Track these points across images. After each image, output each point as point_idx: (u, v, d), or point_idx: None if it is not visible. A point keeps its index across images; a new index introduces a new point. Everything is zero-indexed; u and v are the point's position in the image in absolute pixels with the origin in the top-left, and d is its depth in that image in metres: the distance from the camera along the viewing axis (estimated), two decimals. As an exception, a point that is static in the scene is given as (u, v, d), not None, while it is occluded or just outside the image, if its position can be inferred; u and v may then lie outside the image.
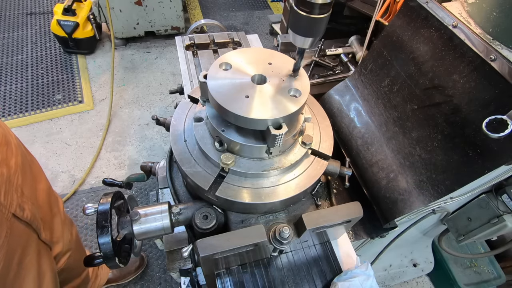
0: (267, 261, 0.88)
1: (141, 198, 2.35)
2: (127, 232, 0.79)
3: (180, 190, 1.02)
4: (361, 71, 1.28)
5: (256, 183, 0.80)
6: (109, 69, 2.97)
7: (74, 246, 1.27)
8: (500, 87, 0.81)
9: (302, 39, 0.67)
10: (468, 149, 0.87)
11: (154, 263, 2.07)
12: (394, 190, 1.05)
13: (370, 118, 1.21)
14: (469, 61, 0.89)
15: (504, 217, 1.07)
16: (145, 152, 2.62)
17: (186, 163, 0.83)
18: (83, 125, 2.75)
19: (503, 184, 1.04)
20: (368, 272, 0.85)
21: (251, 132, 0.78)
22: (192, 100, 0.96)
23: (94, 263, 0.77)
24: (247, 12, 4.21)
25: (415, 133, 1.03)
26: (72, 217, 2.22)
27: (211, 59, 1.46)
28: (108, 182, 1.21)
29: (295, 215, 0.85)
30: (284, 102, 0.74)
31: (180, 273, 1.06)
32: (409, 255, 1.81)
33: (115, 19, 3.16)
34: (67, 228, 1.22)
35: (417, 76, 1.04)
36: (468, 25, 0.90)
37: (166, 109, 2.97)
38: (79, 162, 2.50)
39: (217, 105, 0.73)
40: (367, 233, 1.14)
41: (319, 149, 0.89)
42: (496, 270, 1.96)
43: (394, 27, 1.14)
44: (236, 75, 0.78)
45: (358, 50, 1.67)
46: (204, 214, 0.82)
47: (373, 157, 1.14)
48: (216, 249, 0.68)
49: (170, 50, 3.53)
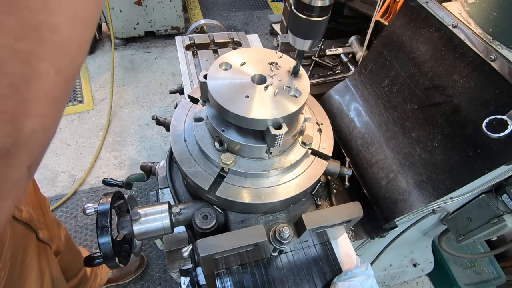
0: (267, 261, 0.88)
1: (141, 198, 2.35)
2: (127, 232, 0.79)
3: (180, 190, 1.02)
4: (361, 71, 1.28)
5: (256, 183, 0.80)
6: (109, 69, 2.97)
7: (64, 248, 1.27)
8: (500, 87, 0.81)
9: (301, 42, 0.67)
10: (468, 149, 0.87)
11: (154, 263, 2.07)
12: (394, 190, 1.05)
13: (370, 118, 1.21)
14: (469, 61, 0.89)
15: (504, 217, 1.07)
16: (145, 152, 2.62)
17: (186, 163, 0.83)
18: (83, 125, 2.75)
19: (503, 184, 1.04)
20: (368, 272, 0.85)
21: (251, 132, 0.78)
22: (192, 100, 0.96)
23: (94, 263, 0.78)
24: (247, 12, 4.21)
25: (415, 133, 1.03)
26: (72, 217, 2.22)
27: (211, 59, 1.46)
28: (108, 182, 1.21)
29: (295, 215, 0.85)
30: (284, 102, 0.74)
31: (180, 273, 1.06)
32: (409, 255, 1.81)
33: (115, 19, 3.16)
34: (57, 228, 1.22)
35: (417, 76, 1.04)
36: (468, 25, 0.90)
37: (166, 109, 2.97)
38: (79, 162, 2.50)
39: (217, 105, 0.73)
40: (367, 233, 1.14)
41: (319, 149, 0.89)
42: (496, 270, 1.96)
43: (394, 27, 1.14)
44: (236, 75, 0.78)
45: (358, 50, 1.67)
46: (204, 214, 0.82)
47: (373, 157, 1.14)
48: (216, 249, 0.68)
49: (170, 50, 3.53)
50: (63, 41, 0.24)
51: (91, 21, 0.27)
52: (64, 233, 1.32)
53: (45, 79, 0.24)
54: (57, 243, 1.19)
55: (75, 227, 2.18)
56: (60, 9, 0.23)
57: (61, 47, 0.25)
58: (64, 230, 1.34)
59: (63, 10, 0.23)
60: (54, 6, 0.23)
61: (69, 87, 0.29)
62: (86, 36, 0.27)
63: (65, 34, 0.24)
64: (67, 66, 0.26)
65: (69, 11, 0.24)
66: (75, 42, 0.26)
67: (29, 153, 0.27)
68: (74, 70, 0.28)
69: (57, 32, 0.24)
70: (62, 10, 0.23)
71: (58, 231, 1.24)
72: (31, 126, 0.25)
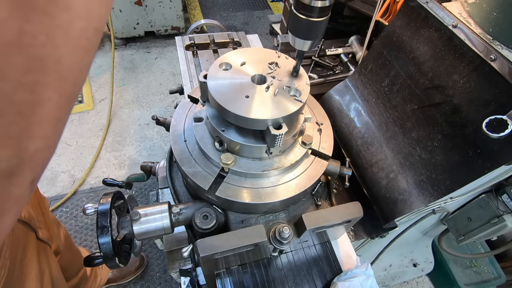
0: (267, 261, 0.88)
1: (141, 198, 2.35)
2: (127, 232, 0.79)
3: (180, 190, 1.02)
4: (361, 71, 1.28)
5: (256, 183, 0.80)
6: (109, 69, 2.97)
7: (63, 248, 1.27)
8: (500, 87, 0.81)
9: (301, 42, 0.67)
10: (468, 149, 0.87)
11: (154, 263, 2.07)
12: (394, 190, 1.05)
13: (370, 118, 1.21)
14: (469, 61, 0.89)
15: (504, 217, 1.07)
16: (145, 152, 2.62)
17: (186, 163, 0.83)
18: (83, 125, 2.75)
19: (503, 184, 1.04)
20: (368, 272, 0.85)
21: (251, 132, 0.78)
22: (192, 100, 0.96)
23: (94, 263, 0.78)
24: (247, 12, 4.21)
25: (415, 133, 1.03)
26: (72, 217, 2.22)
27: (211, 59, 1.46)
28: (108, 182, 1.21)
29: (295, 215, 0.85)
30: (284, 102, 0.74)
31: (180, 273, 1.06)
32: (409, 255, 1.81)
33: (115, 19, 3.16)
34: (56, 228, 1.22)
35: (417, 76, 1.04)
36: (468, 25, 0.90)
37: (166, 109, 2.97)
38: (79, 162, 2.50)
39: (217, 105, 0.73)
40: (367, 233, 1.14)
41: (319, 149, 0.89)
42: (496, 270, 1.96)
43: (394, 27, 1.14)
44: (236, 75, 0.78)
45: (358, 50, 1.67)
46: (204, 214, 0.82)
47: (373, 157, 1.14)
48: (216, 249, 0.68)
49: (170, 50, 3.53)
50: (66, 70, 0.26)
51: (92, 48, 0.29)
52: (63, 232, 1.32)
53: (49, 103, 0.26)
54: (57, 242, 1.19)
55: (75, 227, 2.18)
56: (64, 43, 0.25)
57: (64, 74, 0.26)
58: (63, 229, 1.34)
59: (67, 43, 0.25)
60: (59, 40, 0.24)
61: (70, 107, 0.30)
62: (87, 61, 0.29)
63: (68, 63, 0.26)
64: (69, 90, 0.28)
65: (73, 43, 0.26)
66: (77, 69, 0.28)
67: (32, 170, 0.28)
68: (76, 92, 0.30)
69: (60, 63, 0.25)
70: (66, 43, 0.25)
71: (57, 231, 1.24)
72: (34, 146, 0.27)
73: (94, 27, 0.27)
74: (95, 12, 0.27)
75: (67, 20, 0.24)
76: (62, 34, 0.24)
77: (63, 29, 0.24)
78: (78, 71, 0.28)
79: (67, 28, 0.25)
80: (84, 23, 0.26)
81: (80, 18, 0.25)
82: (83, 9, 0.25)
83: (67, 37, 0.25)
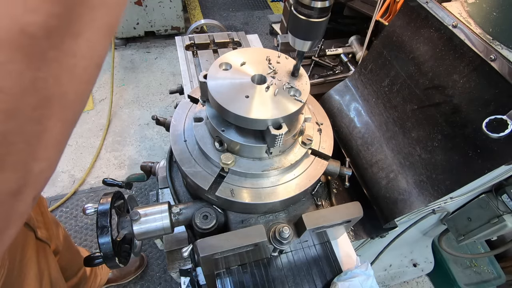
0: (267, 261, 0.88)
1: (141, 198, 2.35)
2: (127, 232, 0.79)
3: (180, 190, 1.02)
4: (361, 71, 1.28)
5: (256, 183, 0.80)
6: (109, 69, 2.97)
7: (63, 247, 1.27)
8: (500, 87, 0.81)
9: (301, 42, 0.67)
10: (468, 149, 0.87)
11: (154, 263, 2.07)
12: (394, 190, 1.05)
13: (370, 118, 1.21)
14: (469, 61, 0.89)
15: (504, 217, 1.07)
16: (145, 152, 2.62)
17: (186, 163, 0.83)
18: (83, 125, 2.75)
19: (503, 184, 1.04)
20: (368, 272, 0.85)
21: (251, 132, 0.78)
22: (192, 100, 0.96)
23: (94, 263, 0.77)
24: (247, 12, 4.21)
25: (415, 133, 1.03)
26: (72, 217, 2.22)
27: (211, 59, 1.46)
28: (108, 182, 1.21)
29: (295, 215, 0.85)
30: (284, 102, 0.74)
31: (180, 273, 1.06)
32: (409, 255, 1.81)
33: (115, 19, 3.16)
34: (55, 228, 1.22)
35: (417, 76, 1.04)
36: (468, 25, 0.90)
37: (166, 109, 2.97)
38: (79, 162, 2.50)
39: (217, 105, 0.73)
40: (367, 233, 1.14)
41: (319, 149, 0.89)
42: (496, 270, 1.96)
43: (394, 27, 1.14)
44: (236, 75, 0.78)
45: (358, 50, 1.67)
46: (204, 214, 0.82)
47: (373, 157, 1.14)
48: (216, 249, 0.68)
49: (170, 50, 3.53)
50: (69, 101, 0.29)
51: (93, 80, 0.32)
52: (62, 232, 1.32)
53: (53, 130, 0.29)
54: (56, 242, 1.19)
55: (75, 227, 2.18)
56: (69, 81, 0.28)
57: (67, 105, 0.29)
58: (62, 229, 1.34)
59: (72, 81, 0.28)
60: (65, 80, 0.27)
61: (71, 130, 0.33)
62: (88, 91, 0.32)
63: (71, 96, 0.29)
64: (71, 118, 0.31)
65: (76, 80, 0.29)
66: (79, 99, 0.31)
67: (35, 188, 0.31)
68: (77, 118, 0.33)
69: (65, 97, 0.28)
70: (71, 81, 0.28)
71: (56, 231, 1.24)
72: (39, 168, 0.30)
73: (96, 63, 0.30)
74: (98, 50, 0.29)
75: (73, 63, 0.27)
76: (68, 75, 0.27)
77: (69, 71, 0.27)
78: (80, 101, 0.31)
79: (73, 69, 0.27)
80: (88, 62, 0.29)
81: (84, 58, 0.28)
82: (87, 50, 0.28)
83: (72, 76, 0.28)
